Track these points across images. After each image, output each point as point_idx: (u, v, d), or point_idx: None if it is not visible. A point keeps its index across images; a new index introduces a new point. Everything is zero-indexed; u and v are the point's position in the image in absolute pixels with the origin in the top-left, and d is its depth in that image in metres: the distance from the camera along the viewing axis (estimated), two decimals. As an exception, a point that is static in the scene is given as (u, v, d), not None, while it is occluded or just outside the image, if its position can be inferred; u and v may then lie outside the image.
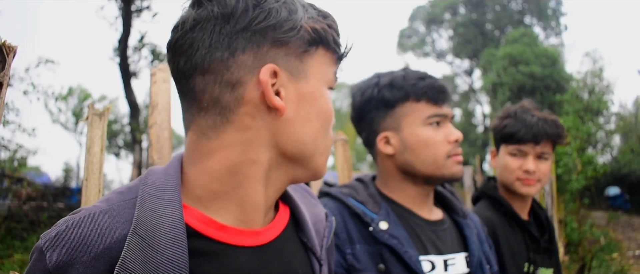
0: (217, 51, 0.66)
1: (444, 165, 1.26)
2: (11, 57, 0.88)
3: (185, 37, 0.67)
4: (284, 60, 0.68)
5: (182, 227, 0.63)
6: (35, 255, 0.62)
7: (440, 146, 1.25)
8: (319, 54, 0.73)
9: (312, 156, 0.73)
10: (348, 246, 1.21)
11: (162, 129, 1.45)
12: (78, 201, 10.58)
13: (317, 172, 0.76)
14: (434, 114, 1.26)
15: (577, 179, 5.74)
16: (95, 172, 1.21)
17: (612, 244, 9.02)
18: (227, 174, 0.68)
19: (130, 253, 0.59)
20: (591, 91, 10.19)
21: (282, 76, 0.68)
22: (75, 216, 0.64)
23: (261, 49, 0.67)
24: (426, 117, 1.26)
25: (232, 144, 0.68)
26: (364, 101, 1.32)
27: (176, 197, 0.66)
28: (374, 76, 1.34)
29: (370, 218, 1.23)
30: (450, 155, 1.26)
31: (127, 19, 11.42)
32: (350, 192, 1.31)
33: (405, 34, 34.30)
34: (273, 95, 0.66)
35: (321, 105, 0.73)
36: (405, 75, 1.29)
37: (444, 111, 1.27)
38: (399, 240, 1.20)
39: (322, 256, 0.81)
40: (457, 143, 1.28)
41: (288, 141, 0.70)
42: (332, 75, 0.76)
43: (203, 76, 0.67)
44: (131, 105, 12.12)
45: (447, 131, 1.27)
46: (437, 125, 1.27)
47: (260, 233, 0.72)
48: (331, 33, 0.73)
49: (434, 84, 1.27)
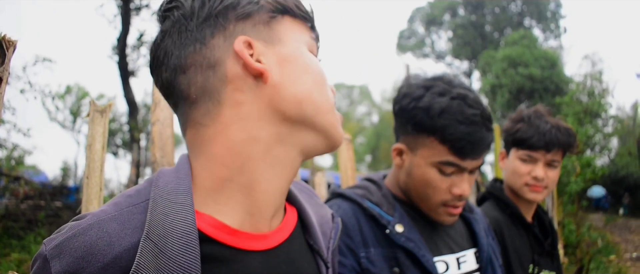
0: (189, 46, 0.67)
1: (435, 210, 1.21)
2: (11, 51, 0.87)
3: (159, 50, 0.70)
4: (253, 30, 0.69)
5: (195, 233, 0.61)
6: (39, 263, 0.59)
7: (440, 192, 1.18)
8: (286, 21, 0.73)
9: (315, 114, 0.71)
10: (362, 249, 1.17)
11: (164, 127, 1.43)
12: (76, 200, 10.56)
13: (330, 135, 0.74)
14: (451, 163, 1.16)
15: (575, 181, 5.73)
16: (96, 169, 1.19)
17: (610, 247, 9.04)
18: (231, 156, 0.67)
19: (144, 259, 0.57)
20: (590, 93, 10.19)
21: (257, 45, 0.68)
22: (81, 222, 0.61)
23: (227, 28, 0.68)
24: (441, 162, 1.16)
25: (229, 124, 0.67)
26: (400, 103, 1.23)
27: (189, 201, 0.64)
28: (427, 82, 1.21)
29: (387, 220, 1.19)
30: (446, 204, 1.19)
31: (126, 17, 11.41)
32: (364, 194, 1.26)
33: (404, 35, 34.37)
34: (252, 61, 0.66)
35: (306, 62, 0.72)
36: (447, 107, 1.14)
37: (464, 164, 1.15)
38: (415, 243, 1.17)
39: (328, 258, 0.80)
40: (460, 197, 1.18)
41: (283, 103, 0.68)
42: (309, 39, 0.76)
43: (184, 73, 0.67)
44: (130, 104, 12.11)
45: (456, 182, 1.17)
46: (449, 174, 1.17)
47: (270, 237, 0.71)
48: (292, 2, 0.74)
49: (468, 137, 1.13)
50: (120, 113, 22.09)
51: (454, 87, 1.17)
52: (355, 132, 23.96)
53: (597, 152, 10.96)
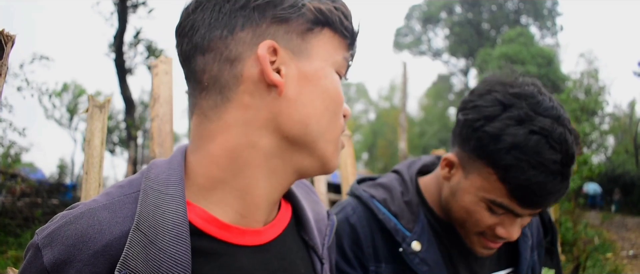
0: (216, 30, 0.65)
1: (469, 238, 1.04)
2: (9, 46, 0.86)
3: (188, 19, 0.67)
4: (285, 37, 0.66)
5: (186, 224, 0.61)
6: (31, 252, 0.59)
7: (481, 228, 1.00)
8: (324, 35, 0.69)
9: (317, 140, 0.69)
10: (373, 263, 1.07)
11: (163, 123, 1.42)
12: (72, 197, 10.55)
13: (326, 162, 0.71)
14: (505, 207, 0.96)
15: (572, 179, 5.76)
16: (95, 165, 1.18)
17: (606, 244, 9.08)
18: (227, 159, 0.66)
19: (132, 250, 0.57)
20: (587, 91, 10.23)
21: (283, 53, 0.66)
22: (73, 211, 0.61)
23: (260, 26, 0.65)
24: (493, 202, 0.96)
25: (232, 125, 0.65)
26: (467, 114, 0.99)
27: (180, 192, 0.63)
28: (507, 98, 0.95)
29: (403, 236, 1.05)
30: (484, 236, 1.02)
31: (122, 15, 11.37)
32: (384, 198, 1.11)
33: (401, 32, 34.40)
34: (271, 71, 0.64)
35: (326, 86, 0.69)
36: (522, 144, 0.90)
37: (521, 212, 0.96)
38: (430, 267, 1.03)
39: (323, 254, 0.80)
40: (499, 238, 1.00)
41: (289, 121, 0.66)
42: (340, 59, 0.72)
43: (203, 55, 0.66)
44: (126, 101, 12.08)
45: (505, 223, 0.98)
46: (499, 214, 0.98)
47: (262, 232, 0.70)
48: (338, 15, 0.69)
49: (536, 188, 0.91)
50: (117, 111, 22.07)
51: (539, 116, 0.92)
52: (352, 130, 23.97)
53: (594, 149, 11.00)
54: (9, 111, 8.47)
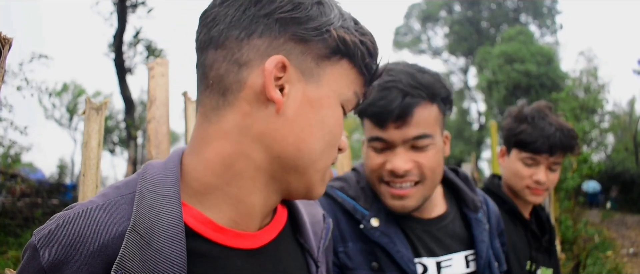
0: (235, 29, 0.64)
1: (379, 191, 1.19)
2: (7, 49, 0.86)
3: (212, 10, 0.67)
4: (299, 57, 0.65)
5: (181, 225, 0.61)
6: (29, 253, 0.59)
7: (373, 166, 1.17)
8: (341, 66, 0.68)
9: (308, 167, 0.68)
10: (340, 244, 1.15)
11: (160, 124, 1.42)
12: (72, 197, 10.54)
13: (310, 189, 0.72)
14: (374, 138, 1.16)
15: (572, 177, 5.75)
16: (92, 167, 1.19)
17: (606, 242, 9.08)
18: (221, 166, 0.65)
19: (128, 251, 0.57)
20: (586, 89, 10.23)
21: (292, 72, 0.65)
22: (70, 211, 0.61)
23: (278, 39, 0.64)
24: (369, 138, 1.17)
25: (229, 132, 0.65)
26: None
27: (175, 193, 0.64)
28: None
29: (361, 214, 1.17)
30: (384, 182, 1.17)
31: (122, 15, 11.37)
32: (341, 186, 1.23)
33: (400, 31, 34.37)
34: (273, 86, 0.63)
35: (327, 116, 0.68)
36: None
37: (382, 133, 1.15)
38: (390, 238, 1.14)
39: (319, 257, 0.80)
40: (394, 175, 1.14)
41: (283, 142, 0.65)
42: (350, 94, 0.71)
43: (216, 50, 0.65)
44: (126, 101, 12.08)
45: (388, 159, 1.15)
46: (377, 150, 1.16)
47: (257, 236, 0.70)
48: (361, 49, 0.68)
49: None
50: (117, 110, 22.09)
51: None
52: (351, 129, 23.96)
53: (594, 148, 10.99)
54: (9, 110, 8.47)
